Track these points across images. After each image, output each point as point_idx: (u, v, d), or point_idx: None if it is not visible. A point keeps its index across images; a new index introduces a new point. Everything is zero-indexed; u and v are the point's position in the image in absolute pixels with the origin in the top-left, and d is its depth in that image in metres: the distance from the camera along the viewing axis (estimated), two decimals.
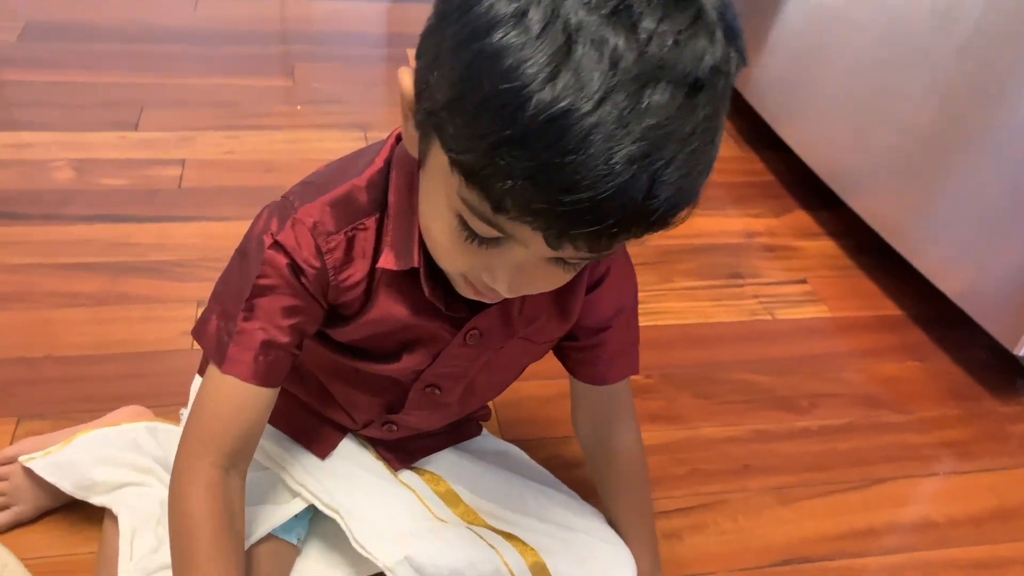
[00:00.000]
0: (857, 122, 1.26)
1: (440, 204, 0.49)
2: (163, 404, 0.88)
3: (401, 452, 0.76)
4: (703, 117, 0.42)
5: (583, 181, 0.40)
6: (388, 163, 0.58)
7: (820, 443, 1.00)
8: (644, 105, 0.40)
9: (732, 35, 0.43)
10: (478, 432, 0.83)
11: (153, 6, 1.84)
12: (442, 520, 0.74)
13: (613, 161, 0.40)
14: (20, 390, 0.93)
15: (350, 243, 0.57)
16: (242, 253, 0.60)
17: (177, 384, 0.90)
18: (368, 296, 0.60)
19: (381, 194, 0.58)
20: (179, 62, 1.63)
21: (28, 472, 0.79)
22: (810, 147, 1.38)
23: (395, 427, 0.73)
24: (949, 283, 1.12)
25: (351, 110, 1.52)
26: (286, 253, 0.56)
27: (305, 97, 1.57)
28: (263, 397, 0.60)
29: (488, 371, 0.69)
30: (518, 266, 0.49)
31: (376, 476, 0.75)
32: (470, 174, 0.43)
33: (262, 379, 0.59)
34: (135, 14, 1.80)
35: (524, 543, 0.72)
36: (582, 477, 0.85)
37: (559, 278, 0.53)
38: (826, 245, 1.34)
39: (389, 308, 0.60)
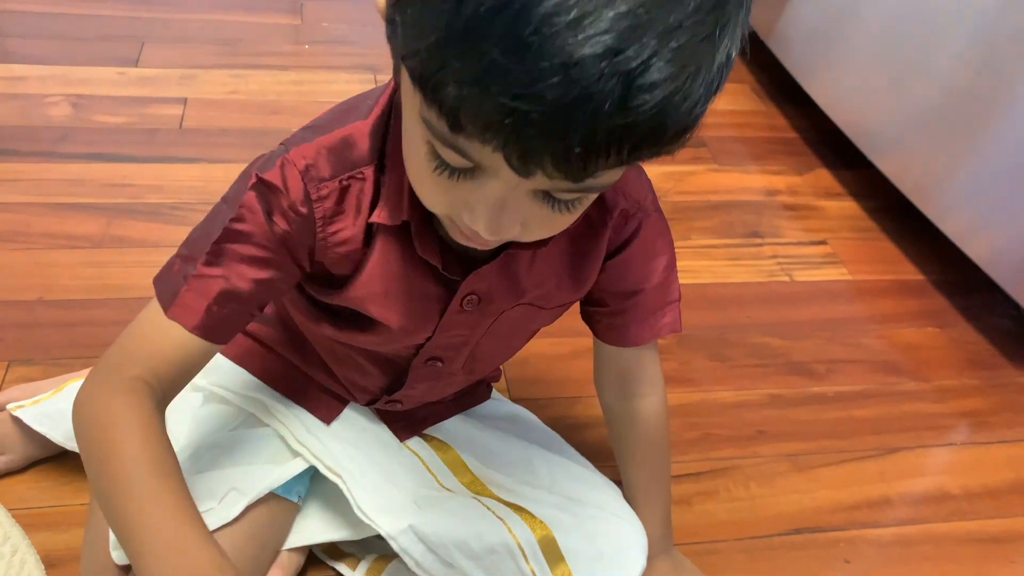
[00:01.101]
0: (890, 77, 1.20)
1: (413, 133, 0.44)
2: None
3: (407, 421, 0.73)
4: (695, 7, 0.35)
5: (537, 84, 0.34)
6: (390, 107, 0.52)
7: (836, 410, 0.97)
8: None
9: None
10: (487, 395, 0.80)
11: None
12: (448, 489, 0.71)
13: (573, 58, 0.34)
14: (11, 334, 0.91)
15: (343, 192, 0.52)
16: (226, 198, 0.54)
17: None
18: (362, 256, 0.55)
19: (382, 142, 0.52)
20: None
21: (16, 421, 0.76)
22: (837, 103, 1.32)
23: (399, 404, 0.70)
24: (976, 248, 1.08)
25: (361, 51, 1.47)
26: (269, 194, 0.51)
27: (314, 36, 1.52)
28: (202, 349, 0.53)
29: (493, 338, 0.64)
30: (497, 202, 0.43)
31: (381, 442, 0.72)
32: (421, 83, 0.38)
33: (209, 333, 0.52)
34: None
35: (533, 516, 0.70)
36: (591, 438, 0.82)
37: (551, 220, 0.46)
38: (848, 206, 1.29)
39: (383, 269, 0.55)
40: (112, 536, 0.66)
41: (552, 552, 0.68)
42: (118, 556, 0.66)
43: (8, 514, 0.75)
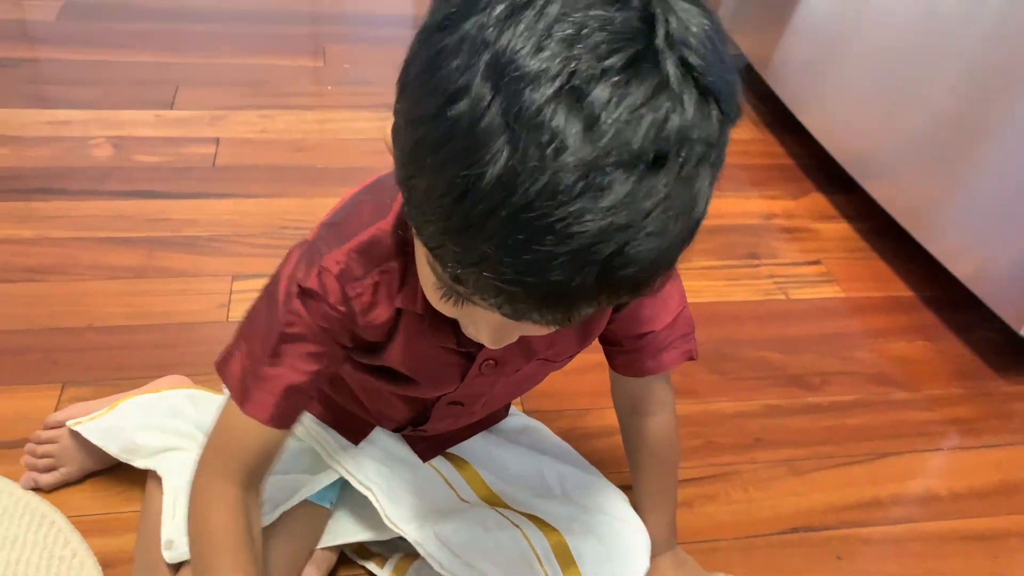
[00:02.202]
0: (880, 108, 1.28)
1: (423, 261, 0.49)
2: (198, 373, 0.93)
3: (430, 443, 0.80)
4: (667, 193, 0.38)
5: (524, 275, 0.39)
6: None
7: (830, 418, 1.03)
8: (595, 191, 0.37)
9: (708, 93, 0.39)
10: (505, 415, 0.86)
11: None
12: (466, 502, 0.78)
13: (556, 254, 0.38)
14: (64, 357, 0.99)
15: (376, 286, 0.58)
16: (270, 294, 0.61)
17: (211, 354, 0.93)
18: (393, 329, 0.61)
19: (403, 235, 0.58)
20: (212, 41, 1.68)
21: (75, 435, 0.84)
22: (830, 131, 1.40)
23: (424, 432, 0.77)
24: (961, 267, 1.15)
25: (380, 91, 1.55)
26: (311, 301, 0.58)
27: (336, 77, 1.61)
28: (278, 435, 0.63)
29: (509, 385, 0.71)
30: (498, 326, 0.49)
31: (405, 461, 0.79)
32: (426, 246, 0.43)
33: (280, 422, 0.62)
34: None
35: (546, 523, 0.76)
36: (600, 447, 0.89)
37: (544, 331, 0.51)
38: (842, 228, 1.36)
39: (409, 343, 0.62)
40: (163, 537, 0.74)
41: (564, 556, 0.75)
42: (169, 556, 0.74)
43: (68, 521, 0.82)
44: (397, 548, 0.81)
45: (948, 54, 1.14)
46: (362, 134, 1.41)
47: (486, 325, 0.50)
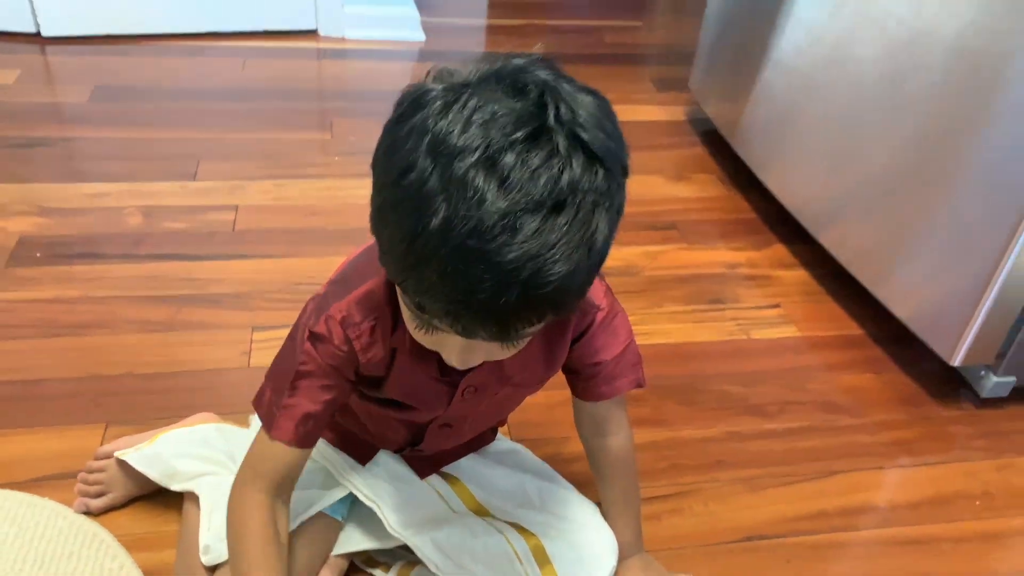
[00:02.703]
0: (824, 168, 1.43)
1: (403, 300, 0.62)
2: (225, 411, 1.05)
3: (427, 462, 0.93)
4: (566, 229, 0.52)
5: (465, 296, 0.52)
6: None
7: (784, 442, 1.16)
8: (508, 229, 0.50)
9: (591, 154, 0.53)
10: (493, 439, 0.99)
11: (206, 67, 2.06)
12: (458, 512, 0.91)
13: (482, 277, 0.51)
14: (107, 400, 1.12)
15: (372, 330, 0.72)
16: (292, 339, 0.75)
17: (235, 396, 1.08)
18: (390, 365, 0.74)
19: (393, 289, 0.70)
20: (230, 118, 1.83)
21: (121, 464, 0.97)
22: (786, 189, 1.56)
23: (422, 451, 0.91)
24: (901, 307, 1.28)
25: None
26: (319, 343, 0.72)
27: (342, 149, 1.76)
28: (300, 455, 0.77)
29: (491, 408, 0.85)
30: (463, 348, 0.62)
31: (405, 478, 0.92)
32: (396, 284, 0.59)
33: (300, 443, 0.76)
34: (190, 76, 2.02)
35: (525, 529, 0.89)
36: (577, 469, 1.01)
37: (504, 352, 0.64)
38: (800, 274, 1.50)
39: (403, 375, 0.75)
40: (201, 543, 0.87)
41: (541, 556, 0.87)
42: (207, 559, 0.86)
43: (115, 539, 0.94)
44: (399, 557, 0.93)
45: (876, 123, 1.30)
46: (366, 199, 1.54)
47: (452, 348, 0.63)
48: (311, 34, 2.27)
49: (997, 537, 1.06)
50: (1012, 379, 1.22)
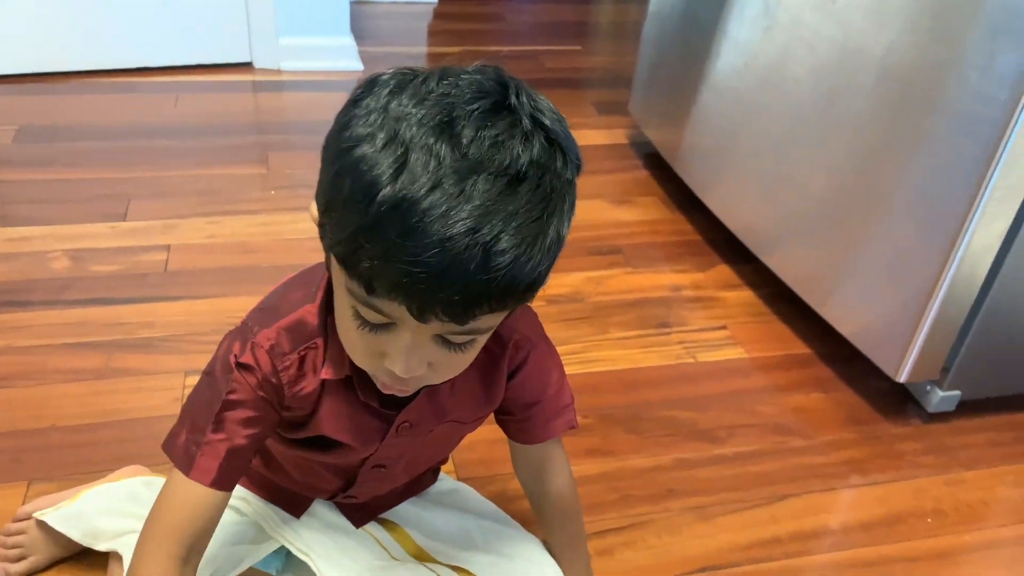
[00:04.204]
0: (764, 189, 1.44)
1: (342, 302, 0.59)
2: (156, 463, 1.00)
3: (363, 511, 0.89)
4: (527, 201, 0.51)
5: (424, 254, 0.50)
6: (329, 290, 0.67)
7: (735, 467, 1.14)
8: (469, 191, 0.50)
9: (553, 142, 0.53)
10: (433, 481, 0.95)
11: (137, 104, 2.01)
12: (398, 560, 0.87)
13: (447, 236, 0.49)
14: (30, 456, 1.06)
15: (302, 360, 0.67)
16: (209, 374, 0.69)
17: None
18: (318, 402, 0.70)
19: (326, 317, 0.67)
20: (162, 156, 1.79)
21: (41, 525, 0.91)
22: (728, 211, 1.56)
23: (355, 498, 0.87)
24: (846, 326, 1.29)
25: None
26: (250, 372, 0.67)
27: (278, 183, 1.72)
28: (219, 499, 0.69)
29: (426, 447, 0.81)
30: (408, 347, 0.58)
31: (341, 528, 0.88)
32: (344, 262, 0.54)
33: (222, 484, 0.69)
34: (120, 113, 1.96)
35: (469, 572, 0.85)
36: (525, 508, 0.97)
37: (450, 360, 0.61)
38: (745, 295, 1.50)
39: (334, 411, 0.71)
40: None
41: None
42: None
43: None
44: None
45: (813, 144, 1.31)
46: (304, 233, 1.52)
47: (396, 349, 0.58)
48: (246, 67, 2.23)
49: (949, 555, 1.05)
50: (958, 393, 1.22)
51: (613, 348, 1.34)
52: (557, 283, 1.48)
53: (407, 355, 0.58)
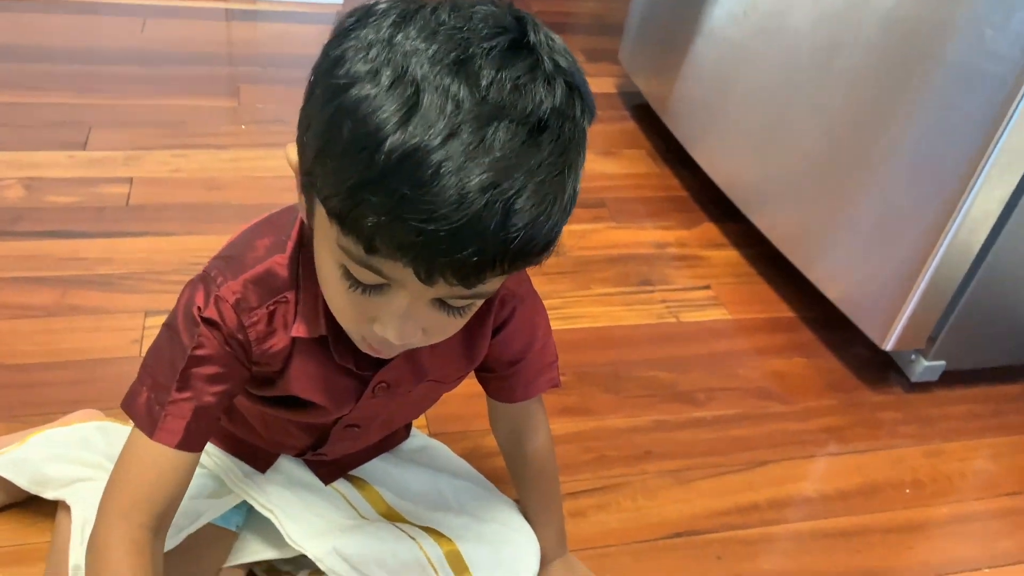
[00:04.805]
0: (755, 144, 1.39)
1: (327, 259, 0.53)
2: (113, 408, 0.93)
3: (332, 468, 0.85)
4: (548, 153, 0.46)
5: (439, 210, 0.44)
6: (300, 240, 0.62)
7: (713, 431, 1.11)
8: (489, 141, 0.44)
9: (572, 87, 0.48)
10: (405, 437, 0.91)
11: (100, 28, 1.91)
12: (366, 518, 0.83)
13: (465, 190, 0.44)
14: None
15: (271, 316, 0.62)
16: (170, 327, 0.63)
17: (123, 389, 0.96)
18: (289, 359, 0.65)
19: (298, 269, 0.62)
20: (126, 83, 1.70)
21: None
22: (717, 166, 1.51)
23: (324, 456, 0.82)
24: (833, 289, 1.25)
25: (293, 129, 1.58)
26: (215, 326, 0.61)
27: (250, 117, 1.65)
28: (188, 461, 0.64)
29: (403, 407, 0.77)
30: (403, 312, 0.53)
31: (308, 484, 0.83)
32: (341, 218, 0.47)
33: (190, 445, 0.63)
34: (84, 35, 1.86)
35: (440, 534, 0.82)
36: (499, 465, 0.94)
37: (446, 324, 0.56)
38: (730, 255, 1.46)
39: (305, 371, 0.65)
40: (71, 562, 0.77)
41: (457, 563, 0.80)
42: None
43: None
44: (304, 565, 0.85)
45: (807, 96, 1.26)
46: (275, 171, 1.45)
47: (391, 314, 0.53)
48: None
49: (925, 526, 1.03)
50: (942, 363, 1.20)
51: (594, 305, 1.30)
52: None
53: (402, 320, 0.53)
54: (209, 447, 0.82)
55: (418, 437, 0.93)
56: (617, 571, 0.92)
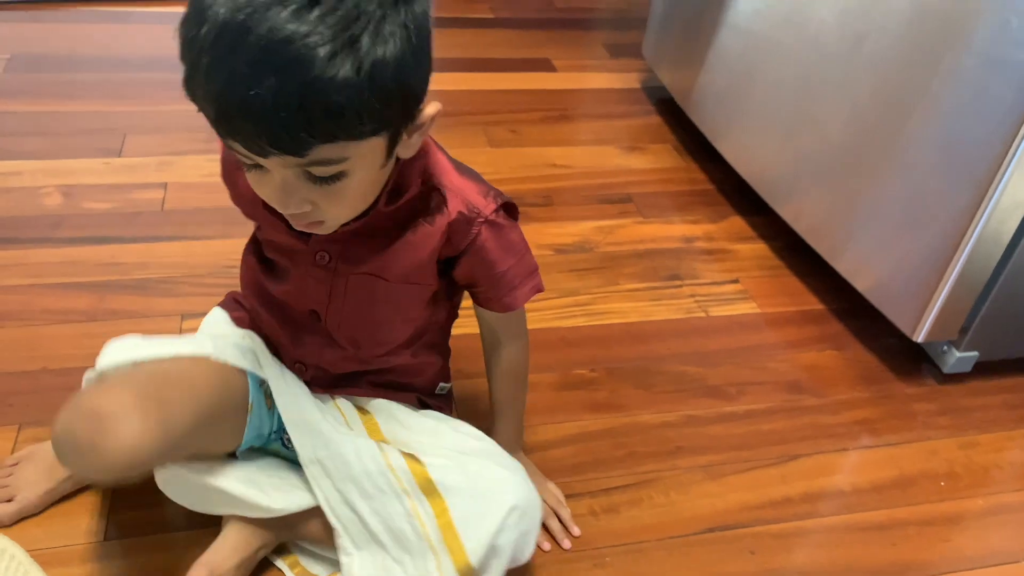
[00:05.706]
0: (781, 136, 1.38)
1: None
2: None
3: (322, 383, 0.88)
4: (307, 31, 0.54)
5: (228, 83, 0.55)
6: None
7: (745, 425, 1.12)
8: (257, 17, 0.54)
9: None
10: (410, 401, 0.91)
11: (131, 36, 1.94)
12: (352, 430, 0.85)
13: (226, 63, 0.55)
14: (19, 400, 1.03)
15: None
16: None
17: None
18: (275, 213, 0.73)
19: None
20: (159, 89, 1.72)
21: (29, 461, 0.91)
22: (742, 158, 1.50)
23: (304, 367, 0.87)
24: (862, 281, 1.24)
25: None
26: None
27: None
28: None
29: (354, 306, 0.81)
30: (279, 186, 0.63)
31: (311, 395, 0.87)
32: (193, 93, 0.60)
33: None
34: (115, 43, 1.89)
35: (417, 459, 0.82)
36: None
37: (330, 194, 0.64)
38: (758, 247, 1.46)
39: (266, 224, 0.79)
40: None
41: (431, 490, 0.80)
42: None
43: (27, 554, 0.86)
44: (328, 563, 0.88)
45: (833, 86, 1.25)
46: None
47: (272, 188, 0.64)
48: None
49: (961, 519, 1.03)
50: (975, 354, 1.19)
51: (622, 300, 1.30)
52: (565, 231, 1.44)
53: (283, 195, 0.64)
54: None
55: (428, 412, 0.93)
56: (651, 566, 0.93)
